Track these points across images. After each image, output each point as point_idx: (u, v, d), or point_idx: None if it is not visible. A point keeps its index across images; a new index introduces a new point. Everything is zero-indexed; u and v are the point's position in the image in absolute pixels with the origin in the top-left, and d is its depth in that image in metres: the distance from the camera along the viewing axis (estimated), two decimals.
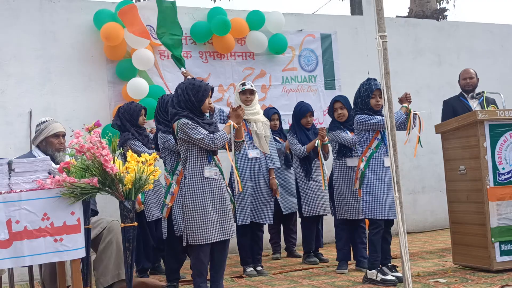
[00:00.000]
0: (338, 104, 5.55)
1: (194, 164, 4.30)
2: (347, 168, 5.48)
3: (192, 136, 4.23)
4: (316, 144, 5.77)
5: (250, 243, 5.53)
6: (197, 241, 4.21)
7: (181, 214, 4.40)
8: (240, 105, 4.53)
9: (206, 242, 4.22)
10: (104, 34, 6.32)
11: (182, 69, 6.24)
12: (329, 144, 5.85)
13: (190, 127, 4.23)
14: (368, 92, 4.91)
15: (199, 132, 4.23)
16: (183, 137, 4.29)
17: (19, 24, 6.31)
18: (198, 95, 4.34)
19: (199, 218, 4.22)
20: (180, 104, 4.37)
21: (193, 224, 4.21)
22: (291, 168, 6.23)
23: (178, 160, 4.74)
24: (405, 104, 4.98)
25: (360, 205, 5.08)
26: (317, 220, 6.12)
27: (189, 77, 5.36)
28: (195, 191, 4.25)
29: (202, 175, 4.28)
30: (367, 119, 4.86)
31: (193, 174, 4.28)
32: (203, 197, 4.24)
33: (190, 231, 4.22)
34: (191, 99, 4.34)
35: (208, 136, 4.23)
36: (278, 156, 5.75)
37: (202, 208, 4.23)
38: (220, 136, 4.28)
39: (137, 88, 6.41)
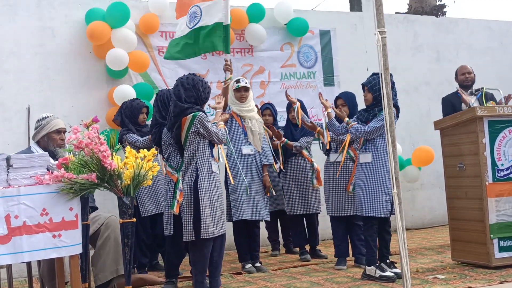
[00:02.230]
0: (340, 101, 5.56)
1: (205, 158, 4.40)
2: (330, 164, 5.53)
3: (210, 129, 4.37)
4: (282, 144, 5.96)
5: (247, 239, 5.53)
6: (210, 234, 4.28)
7: (187, 209, 4.38)
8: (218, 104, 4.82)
9: (217, 235, 4.32)
10: (89, 32, 6.29)
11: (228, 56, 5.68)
12: (291, 142, 5.93)
13: (207, 120, 4.39)
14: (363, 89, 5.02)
15: (213, 126, 4.43)
16: (200, 131, 4.36)
17: (17, 21, 6.29)
18: (205, 92, 4.49)
19: (212, 212, 4.32)
20: (190, 99, 4.39)
21: (207, 218, 4.28)
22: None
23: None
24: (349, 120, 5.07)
25: (347, 202, 5.40)
26: (309, 218, 6.11)
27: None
28: (209, 185, 4.35)
29: (211, 170, 4.38)
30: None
31: (204, 168, 4.36)
32: (212, 191, 4.34)
33: (204, 225, 4.27)
34: (202, 95, 4.43)
35: (220, 131, 4.45)
36: (271, 153, 5.77)
37: (212, 202, 4.33)
38: (224, 132, 4.54)
39: (122, 95, 6.26)
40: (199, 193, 4.31)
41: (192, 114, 4.34)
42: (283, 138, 5.93)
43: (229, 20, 5.61)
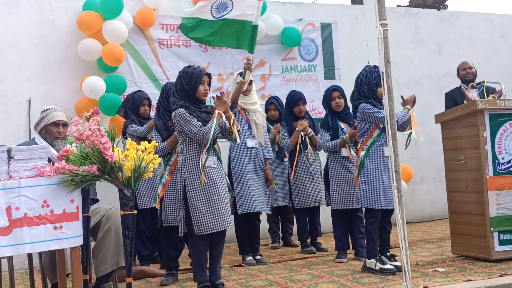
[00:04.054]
0: (337, 93, 5.53)
1: (193, 153, 4.30)
2: (342, 158, 5.48)
3: (185, 129, 4.26)
4: (303, 138, 5.88)
5: (248, 232, 5.54)
6: (203, 230, 4.21)
7: (175, 205, 4.39)
8: (223, 92, 4.53)
9: (211, 232, 4.23)
10: (79, 22, 6.25)
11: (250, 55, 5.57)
12: (316, 136, 5.91)
13: (185, 118, 4.24)
14: (378, 81, 4.81)
15: (193, 125, 4.23)
16: (179, 128, 4.29)
17: (18, 12, 6.28)
18: (191, 82, 4.33)
19: (203, 208, 4.22)
20: (178, 93, 4.37)
21: (198, 214, 4.22)
22: (284, 160, 6.21)
23: (171, 150, 4.75)
24: (408, 106, 4.89)
25: (355, 195, 5.16)
26: (312, 211, 6.12)
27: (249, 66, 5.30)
28: (197, 180, 4.25)
29: (200, 164, 4.28)
30: (374, 111, 4.78)
31: (192, 163, 4.28)
32: (204, 186, 4.24)
33: (196, 221, 4.22)
34: (185, 87, 4.33)
35: (200, 131, 4.22)
36: (271, 147, 5.78)
37: (205, 197, 4.24)
38: (208, 129, 4.24)
39: (90, 87, 6.19)
40: (187, 190, 4.27)
41: (175, 110, 4.32)
42: (310, 130, 5.91)
43: (259, 21, 5.53)
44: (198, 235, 4.24)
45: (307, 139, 5.93)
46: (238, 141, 4.47)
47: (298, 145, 5.90)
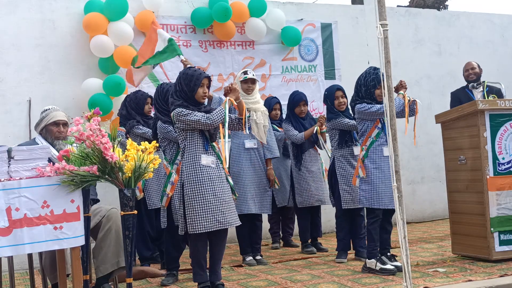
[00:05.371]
0: (340, 93, 5.53)
1: (191, 152, 4.31)
2: (349, 156, 5.43)
3: (187, 121, 4.25)
4: (314, 131, 5.83)
5: (248, 232, 5.54)
6: (196, 229, 4.21)
7: (179, 203, 4.41)
8: (231, 83, 4.56)
9: (205, 231, 4.22)
10: (85, 23, 6.27)
11: (182, 57, 5.93)
12: (326, 133, 5.88)
13: (184, 113, 4.26)
14: (375, 82, 4.85)
15: (194, 115, 4.26)
16: (180, 126, 4.31)
17: (18, 12, 6.28)
18: (190, 84, 4.34)
19: (198, 207, 4.22)
20: (176, 94, 4.38)
21: (193, 212, 4.22)
22: (289, 158, 6.21)
23: (178, 149, 4.73)
24: (402, 91, 4.96)
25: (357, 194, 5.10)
26: (314, 210, 6.12)
27: (188, 65, 5.34)
28: (193, 179, 4.26)
29: (199, 163, 4.28)
30: (367, 107, 4.85)
31: (190, 162, 4.29)
32: (201, 185, 4.24)
33: (190, 220, 4.23)
34: (184, 89, 4.35)
35: (204, 116, 4.26)
36: (277, 146, 5.75)
37: (201, 196, 4.23)
38: (215, 112, 4.31)
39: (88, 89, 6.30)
40: (184, 188, 4.28)
41: (173, 110, 4.33)
42: (324, 125, 5.90)
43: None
44: (195, 234, 4.24)
45: (317, 137, 5.92)
46: (246, 132, 4.55)
47: (319, 135, 5.87)
